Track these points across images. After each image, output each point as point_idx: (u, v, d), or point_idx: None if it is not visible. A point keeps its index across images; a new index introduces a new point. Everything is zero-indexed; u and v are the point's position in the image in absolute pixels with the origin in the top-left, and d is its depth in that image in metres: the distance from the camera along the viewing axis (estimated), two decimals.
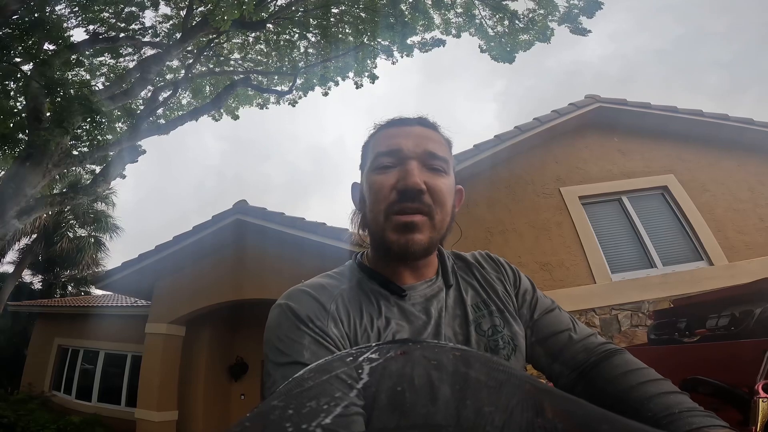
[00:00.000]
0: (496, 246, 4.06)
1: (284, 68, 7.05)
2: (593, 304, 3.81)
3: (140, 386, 5.50)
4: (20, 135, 4.67)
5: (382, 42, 6.30)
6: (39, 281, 12.87)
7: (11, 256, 12.13)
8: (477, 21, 6.11)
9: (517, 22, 5.87)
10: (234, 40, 6.99)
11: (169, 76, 7.19)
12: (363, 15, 6.13)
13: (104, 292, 8.96)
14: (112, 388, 6.85)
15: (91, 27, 5.40)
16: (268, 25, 6.12)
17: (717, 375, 1.24)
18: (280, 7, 6.14)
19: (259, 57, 7.25)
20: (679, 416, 0.45)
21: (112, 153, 5.08)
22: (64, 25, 4.89)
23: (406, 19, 5.86)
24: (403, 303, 0.60)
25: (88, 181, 5.33)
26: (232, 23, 4.73)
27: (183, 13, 5.88)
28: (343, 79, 7.04)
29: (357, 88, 6.91)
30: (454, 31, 6.31)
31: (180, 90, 6.92)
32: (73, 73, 5.66)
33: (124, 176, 5.25)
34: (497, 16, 6.01)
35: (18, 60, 4.58)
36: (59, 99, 4.21)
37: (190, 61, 6.54)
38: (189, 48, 6.19)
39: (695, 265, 4.11)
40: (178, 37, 5.65)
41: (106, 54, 6.11)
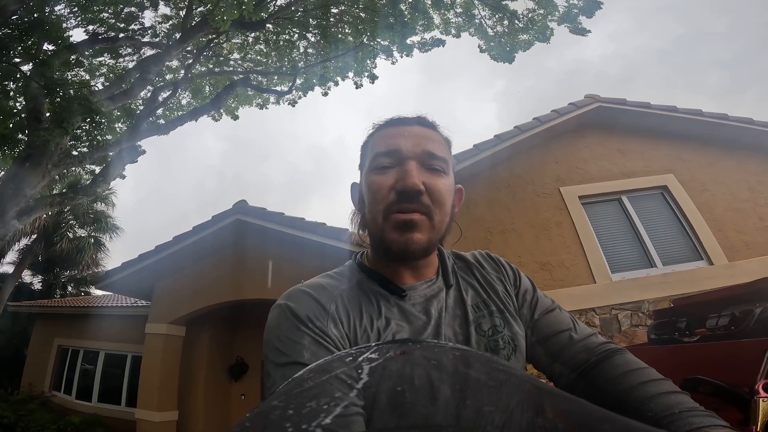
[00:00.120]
0: (496, 246, 4.05)
1: (284, 68, 7.04)
2: (593, 303, 3.81)
3: (140, 386, 5.50)
4: (20, 135, 4.67)
5: (381, 42, 6.30)
6: (39, 281, 12.87)
7: (11, 256, 12.16)
8: (476, 21, 6.10)
9: (516, 22, 5.87)
10: (234, 41, 6.98)
11: (168, 77, 7.18)
12: (363, 15, 6.13)
13: (104, 293, 8.96)
14: (112, 388, 6.85)
15: (90, 27, 5.40)
16: (267, 25, 6.11)
17: (717, 375, 1.25)
18: (279, 7, 6.14)
19: (258, 57, 7.24)
20: (680, 416, 0.45)
21: (111, 153, 5.08)
22: (64, 25, 4.90)
23: (405, 19, 5.86)
24: (403, 303, 0.60)
25: (88, 182, 5.32)
26: (232, 23, 4.73)
27: (182, 13, 5.87)
28: (343, 79, 7.04)
29: (357, 88, 6.92)
30: (453, 31, 6.31)
31: (180, 90, 6.91)
32: (73, 73, 5.65)
33: (123, 176, 5.24)
34: (497, 16, 6.00)
35: (17, 60, 4.58)
36: (59, 99, 4.20)
37: (190, 61, 6.54)
38: (188, 48, 6.19)
39: (695, 264, 4.11)
40: (178, 37, 5.64)
41: (105, 54, 6.11)
